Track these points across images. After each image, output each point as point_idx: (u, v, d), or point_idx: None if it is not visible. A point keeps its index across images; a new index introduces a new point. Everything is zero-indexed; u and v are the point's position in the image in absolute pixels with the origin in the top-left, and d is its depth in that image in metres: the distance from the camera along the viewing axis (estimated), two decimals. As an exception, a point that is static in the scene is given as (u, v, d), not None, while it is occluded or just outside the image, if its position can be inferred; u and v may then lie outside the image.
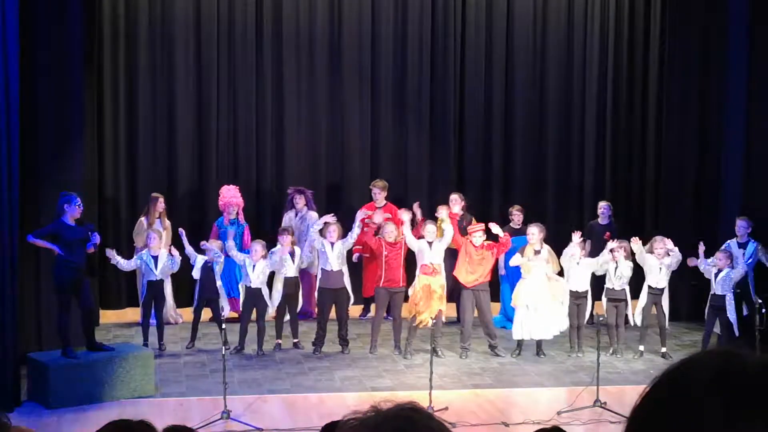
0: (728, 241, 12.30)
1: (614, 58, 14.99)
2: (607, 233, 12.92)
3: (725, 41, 13.27)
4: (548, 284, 11.91)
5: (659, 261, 11.92)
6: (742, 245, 12.23)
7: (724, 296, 11.65)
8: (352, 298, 12.28)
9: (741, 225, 12.25)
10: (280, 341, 12.22)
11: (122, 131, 13.89)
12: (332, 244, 11.99)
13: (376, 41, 14.54)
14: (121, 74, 13.84)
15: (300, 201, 13.27)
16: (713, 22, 13.50)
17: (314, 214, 13.21)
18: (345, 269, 12.14)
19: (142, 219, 13.02)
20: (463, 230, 12.78)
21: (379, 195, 13.42)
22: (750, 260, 12.12)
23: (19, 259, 10.13)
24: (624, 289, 12.06)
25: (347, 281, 12.15)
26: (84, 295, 10.51)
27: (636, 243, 11.90)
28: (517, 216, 13.17)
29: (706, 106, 13.77)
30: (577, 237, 11.99)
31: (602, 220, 13.29)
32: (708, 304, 11.88)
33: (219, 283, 11.99)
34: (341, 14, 14.41)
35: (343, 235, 12.13)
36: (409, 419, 1.51)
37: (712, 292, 11.80)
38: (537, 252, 11.88)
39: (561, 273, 12.12)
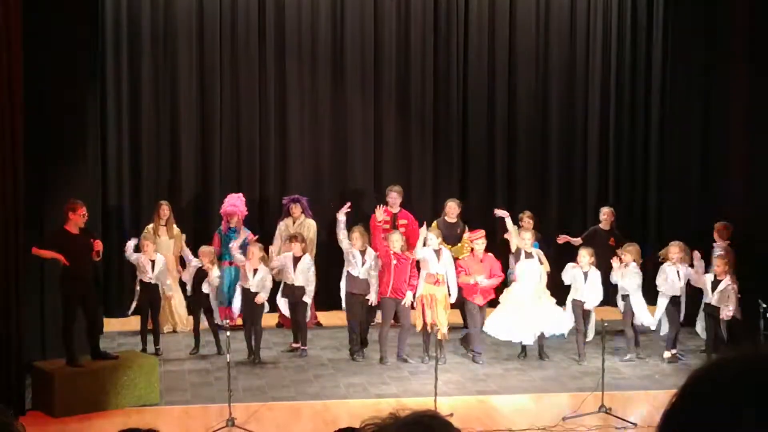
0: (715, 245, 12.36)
1: (617, 62, 14.97)
2: (611, 239, 12.90)
3: (727, 41, 13.26)
4: (538, 286, 11.89)
5: (672, 267, 11.87)
6: None
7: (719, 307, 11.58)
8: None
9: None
10: (298, 345, 12.19)
11: (125, 139, 13.88)
12: (362, 252, 11.93)
13: (378, 46, 14.54)
14: (123, 82, 13.84)
15: (296, 210, 13.22)
16: (715, 23, 13.51)
17: (312, 222, 13.18)
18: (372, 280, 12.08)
19: (149, 226, 13.00)
20: (457, 238, 12.76)
21: (396, 200, 13.33)
22: None
23: (23, 268, 10.12)
24: (627, 295, 12.02)
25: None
26: (90, 303, 10.51)
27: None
28: (527, 222, 13.03)
29: (708, 109, 13.77)
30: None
31: (604, 226, 13.27)
32: (704, 314, 11.89)
33: (207, 290, 12.07)
34: (344, 19, 14.42)
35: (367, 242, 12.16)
36: (428, 427, 1.51)
37: (707, 301, 11.75)
38: (529, 255, 11.92)
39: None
